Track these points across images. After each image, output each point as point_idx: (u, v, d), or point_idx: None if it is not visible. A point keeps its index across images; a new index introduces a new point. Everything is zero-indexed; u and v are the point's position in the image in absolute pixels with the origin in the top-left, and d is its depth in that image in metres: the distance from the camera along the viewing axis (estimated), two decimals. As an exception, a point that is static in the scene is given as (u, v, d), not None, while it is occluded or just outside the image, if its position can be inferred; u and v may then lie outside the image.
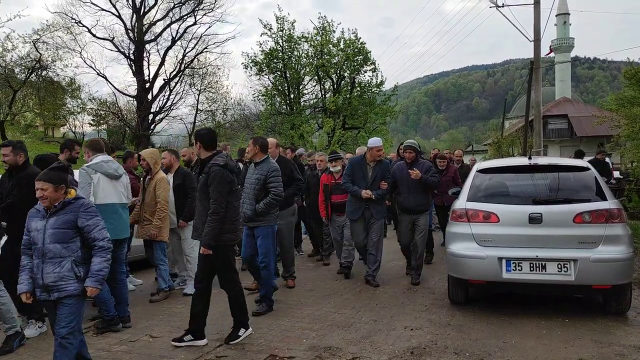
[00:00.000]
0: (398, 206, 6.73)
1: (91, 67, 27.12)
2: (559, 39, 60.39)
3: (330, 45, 23.44)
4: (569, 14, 61.16)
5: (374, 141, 6.47)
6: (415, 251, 6.53)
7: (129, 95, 28.70)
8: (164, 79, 28.79)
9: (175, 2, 28.03)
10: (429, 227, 7.52)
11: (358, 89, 24.35)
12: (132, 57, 28.01)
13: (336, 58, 23.53)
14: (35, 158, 5.21)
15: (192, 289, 4.77)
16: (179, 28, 28.68)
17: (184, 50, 28.67)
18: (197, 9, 28.39)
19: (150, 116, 28.58)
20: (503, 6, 15.75)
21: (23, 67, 23.38)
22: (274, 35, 23.30)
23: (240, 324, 4.55)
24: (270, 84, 24.29)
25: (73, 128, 30.87)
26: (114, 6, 27.26)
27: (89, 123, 30.16)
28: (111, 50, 28.12)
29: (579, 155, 11.92)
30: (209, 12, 28.66)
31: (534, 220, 4.77)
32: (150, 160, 6.06)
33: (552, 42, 57.78)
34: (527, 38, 15.43)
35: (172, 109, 29.78)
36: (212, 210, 4.22)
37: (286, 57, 23.43)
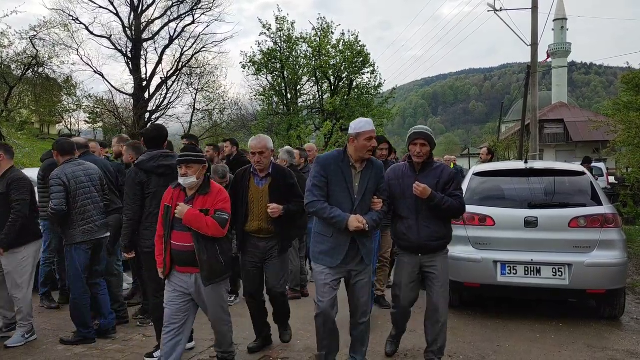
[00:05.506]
0: (396, 239, 3.93)
1: (88, 64, 26.96)
2: (556, 44, 60.88)
3: (329, 47, 23.45)
4: (566, 19, 61.71)
5: (363, 123, 3.49)
6: (433, 319, 3.74)
7: (126, 94, 28.57)
8: (161, 78, 28.69)
9: (174, 1, 27.95)
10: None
11: (356, 90, 24.36)
12: (130, 55, 27.88)
13: (335, 59, 23.53)
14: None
15: (20, 338, 4.28)
16: (176, 27, 28.57)
17: (182, 49, 28.57)
18: (196, 8, 28.29)
19: (147, 115, 28.46)
20: (501, 10, 15.84)
21: (19, 64, 23.29)
22: (272, 36, 23.31)
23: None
24: (268, 84, 24.29)
25: (69, 125, 30.81)
26: (112, 4, 27.13)
27: (85, 120, 30.13)
28: (108, 48, 27.94)
29: (587, 161, 12.14)
30: (207, 12, 28.57)
31: (530, 224, 4.78)
32: None
33: (550, 47, 58.21)
34: (524, 42, 15.50)
35: (169, 108, 29.67)
36: (123, 212, 4.01)
37: (284, 57, 23.42)
